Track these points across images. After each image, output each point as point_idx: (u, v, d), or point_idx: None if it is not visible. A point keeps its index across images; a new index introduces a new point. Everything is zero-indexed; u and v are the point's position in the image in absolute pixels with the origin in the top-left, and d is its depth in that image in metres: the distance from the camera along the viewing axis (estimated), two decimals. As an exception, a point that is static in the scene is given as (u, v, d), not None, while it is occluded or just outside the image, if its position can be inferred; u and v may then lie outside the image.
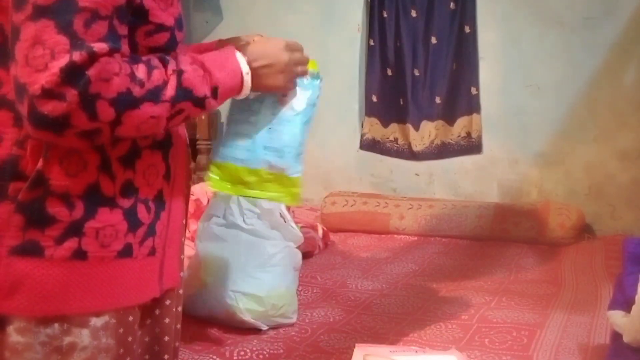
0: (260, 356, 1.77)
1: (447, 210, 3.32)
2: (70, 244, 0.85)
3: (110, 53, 0.79)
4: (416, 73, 3.59)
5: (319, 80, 1.22)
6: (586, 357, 1.77)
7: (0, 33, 0.83)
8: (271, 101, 1.14)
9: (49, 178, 0.83)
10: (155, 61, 0.87)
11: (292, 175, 1.17)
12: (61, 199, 0.84)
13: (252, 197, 1.18)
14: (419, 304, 2.23)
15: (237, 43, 1.08)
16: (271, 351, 1.80)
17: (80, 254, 0.86)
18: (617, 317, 1.56)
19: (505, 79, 3.48)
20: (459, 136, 3.55)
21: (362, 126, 3.77)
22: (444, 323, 2.03)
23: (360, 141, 3.76)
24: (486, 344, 1.86)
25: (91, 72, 0.77)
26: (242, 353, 1.78)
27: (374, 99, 3.72)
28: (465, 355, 1.65)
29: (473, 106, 3.50)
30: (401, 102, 3.64)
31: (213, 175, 1.14)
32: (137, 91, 0.81)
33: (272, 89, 1.08)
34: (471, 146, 3.53)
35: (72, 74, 0.76)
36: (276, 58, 1.06)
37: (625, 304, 1.54)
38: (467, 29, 3.47)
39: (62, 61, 0.75)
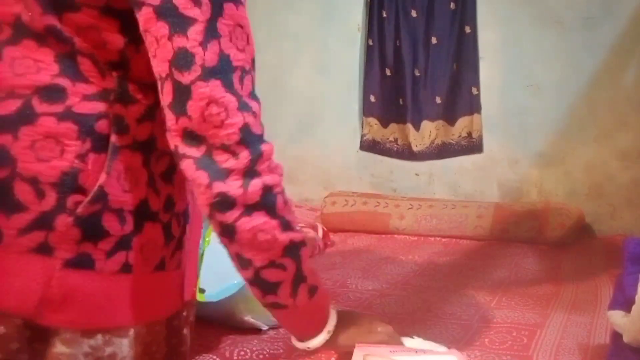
0: (260, 356, 1.77)
1: (447, 210, 3.32)
2: (119, 257, 0.86)
3: (259, 109, 0.84)
4: (416, 73, 3.59)
5: None
6: (586, 357, 1.77)
7: (70, 45, 0.84)
8: None
9: (108, 193, 0.84)
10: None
11: None
12: (116, 214, 0.85)
13: None
14: (419, 304, 2.23)
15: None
16: (271, 351, 1.80)
17: (126, 268, 0.86)
18: (617, 317, 1.56)
19: (506, 79, 3.48)
20: (459, 136, 3.55)
21: (362, 126, 3.77)
22: (444, 323, 2.03)
23: (360, 142, 3.76)
24: (486, 344, 1.86)
25: (264, 148, 0.82)
26: (242, 353, 1.78)
27: (372, 98, 3.72)
28: (465, 355, 1.65)
29: (474, 106, 3.50)
30: (400, 102, 3.64)
31: None
32: (280, 201, 0.85)
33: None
34: (472, 146, 3.54)
35: (248, 136, 0.80)
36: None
37: (625, 304, 1.53)
38: (467, 29, 3.47)
39: (237, 120, 0.80)
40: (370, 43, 3.68)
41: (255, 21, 3.62)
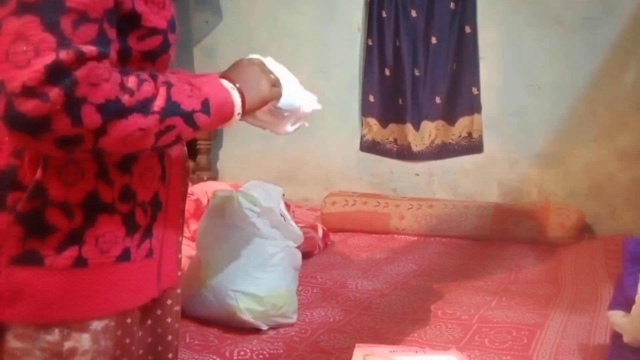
0: (260, 356, 1.77)
1: (447, 210, 3.32)
2: (71, 252, 0.84)
3: (99, 57, 0.76)
4: (416, 73, 3.59)
5: None
6: (586, 357, 1.77)
7: None
8: None
9: (47, 188, 0.83)
10: (144, 75, 0.84)
11: None
12: (60, 208, 0.84)
13: None
14: (419, 304, 2.23)
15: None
16: (271, 351, 1.80)
17: (80, 262, 0.85)
18: (617, 317, 1.56)
19: (505, 79, 3.48)
20: (459, 136, 3.55)
21: (361, 127, 3.77)
22: (444, 323, 2.02)
23: (360, 143, 3.76)
24: (486, 344, 1.86)
25: (79, 74, 0.73)
26: (242, 353, 1.78)
27: (372, 99, 3.72)
28: (465, 355, 1.65)
29: (474, 106, 3.50)
30: (400, 102, 3.64)
31: None
32: (126, 100, 0.78)
33: (261, 98, 1.08)
34: (472, 146, 3.54)
35: (58, 73, 0.72)
36: (250, 67, 1.09)
37: (625, 304, 1.54)
38: (467, 29, 3.47)
39: (47, 59, 0.72)
40: (370, 43, 3.68)
41: (256, 21, 3.64)
